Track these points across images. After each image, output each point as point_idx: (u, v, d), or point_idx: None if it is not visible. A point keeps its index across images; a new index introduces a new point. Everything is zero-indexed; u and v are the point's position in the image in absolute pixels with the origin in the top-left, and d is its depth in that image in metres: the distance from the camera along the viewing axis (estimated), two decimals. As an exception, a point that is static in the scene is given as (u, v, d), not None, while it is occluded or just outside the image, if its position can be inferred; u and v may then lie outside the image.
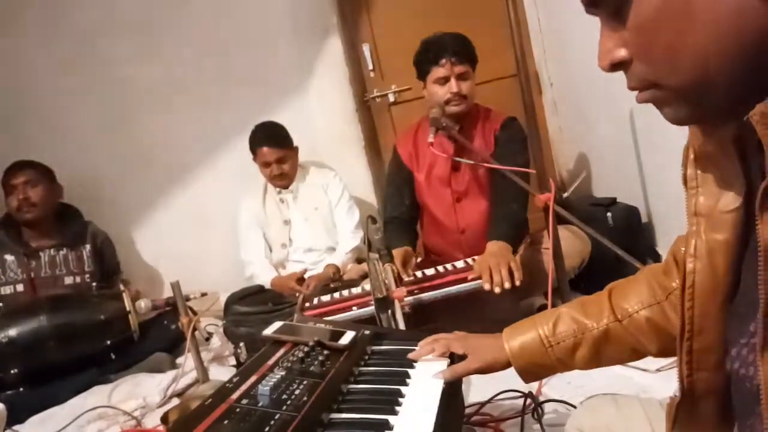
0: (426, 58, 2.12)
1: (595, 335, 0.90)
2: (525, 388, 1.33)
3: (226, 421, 0.80)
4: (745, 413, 0.57)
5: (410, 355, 1.05)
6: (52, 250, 2.55)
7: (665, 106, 0.53)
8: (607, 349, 0.91)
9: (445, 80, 2.09)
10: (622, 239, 1.91)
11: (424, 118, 2.29)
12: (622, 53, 0.53)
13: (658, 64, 0.51)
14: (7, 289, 2.46)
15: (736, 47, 0.46)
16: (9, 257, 2.48)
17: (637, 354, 0.91)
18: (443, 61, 2.07)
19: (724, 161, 0.57)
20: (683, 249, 0.67)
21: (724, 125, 0.55)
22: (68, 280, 2.54)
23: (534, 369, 0.96)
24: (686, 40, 0.48)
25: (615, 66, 0.54)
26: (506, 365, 0.97)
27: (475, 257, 1.92)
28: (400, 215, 2.26)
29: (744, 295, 0.58)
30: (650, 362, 1.41)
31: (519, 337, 0.96)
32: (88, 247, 2.62)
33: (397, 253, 2.00)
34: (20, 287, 2.46)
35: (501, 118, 2.22)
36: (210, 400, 0.87)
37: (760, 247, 0.49)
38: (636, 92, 0.55)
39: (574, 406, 1.26)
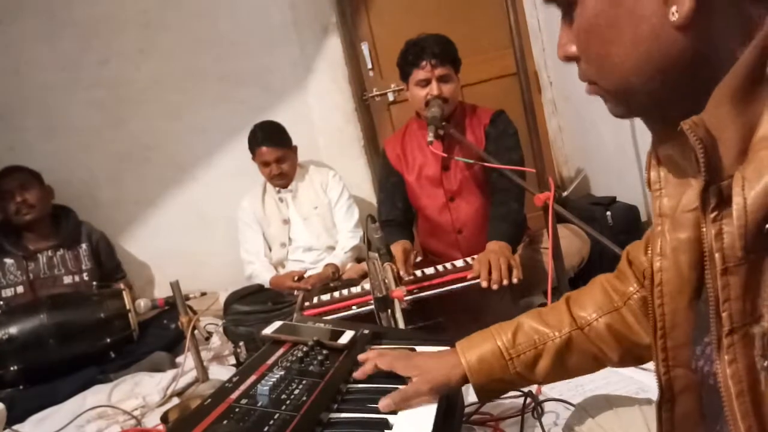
0: (407, 60, 2.09)
1: (558, 345, 0.88)
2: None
3: (225, 421, 0.81)
4: (714, 412, 0.58)
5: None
6: (49, 251, 2.56)
7: (605, 101, 0.60)
8: (570, 359, 0.88)
9: (426, 82, 2.06)
10: (622, 238, 1.92)
11: (412, 120, 2.27)
12: (572, 49, 0.59)
13: (592, 65, 0.58)
14: (8, 292, 2.47)
15: (651, 66, 0.52)
16: (8, 260, 2.50)
17: (598, 363, 0.90)
18: (423, 63, 2.04)
19: (684, 161, 0.58)
20: (649, 251, 0.68)
21: (615, 108, 0.60)
22: (67, 280, 2.56)
23: (493, 385, 0.90)
24: (611, 50, 0.54)
25: (568, 59, 0.61)
26: (461, 382, 0.91)
27: (474, 256, 1.92)
28: (394, 218, 2.24)
29: (703, 295, 0.59)
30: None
31: (476, 350, 0.90)
32: (84, 246, 2.63)
33: (395, 248, 2.00)
34: (20, 289, 2.48)
35: (489, 112, 2.20)
36: (209, 399, 0.87)
37: (705, 248, 0.51)
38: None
39: (574, 405, 1.26)
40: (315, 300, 1.95)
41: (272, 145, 2.58)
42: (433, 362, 0.93)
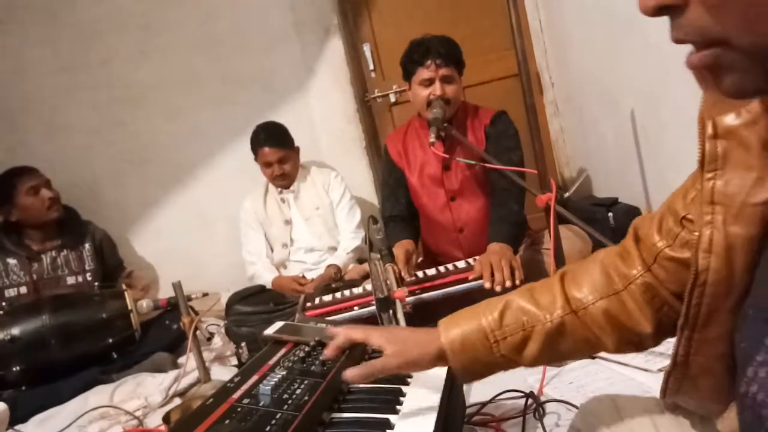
0: (411, 59, 2.09)
1: (548, 329, 0.78)
2: (526, 388, 1.34)
3: (227, 421, 0.81)
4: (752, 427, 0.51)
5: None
6: (53, 252, 2.56)
7: (728, 73, 0.41)
8: (560, 344, 0.79)
9: (429, 82, 2.06)
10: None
11: (414, 119, 2.28)
12: None
13: (730, 12, 0.38)
14: (11, 292, 2.47)
15: None
16: (12, 260, 2.50)
17: (591, 349, 0.81)
18: (428, 62, 2.04)
19: (754, 141, 0.48)
20: (677, 228, 0.60)
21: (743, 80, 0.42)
22: (70, 280, 2.56)
23: (475, 367, 0.82)
24: None
25: (662, 9, 0.41)
26: (435, 362, 0.82)
27: (476, 257, 1.92)
28: (399, 213, 2.26)
29: (756, 299, 0.51)
30: (652, 362, 1.41)
31: (459, 329, 0.81)
32: (87, 246, 2.63)
33: (397, 250, 2.00)
34: (23, 289, 2.48)
35: (490, 113, 2.20)
36: (211, 399, 0.87)
37: None
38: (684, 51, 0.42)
39: (576, 406, 1.25)
40: (317, 301, 1.95)
41: (274, 146, 2.58)
42: (411, 337, 0.85)
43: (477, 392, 1.43)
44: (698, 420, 0.74)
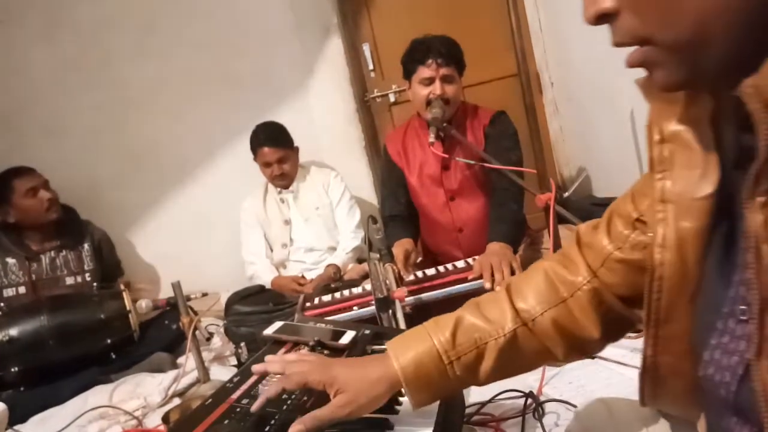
0: (412, 57, 2.10)
1: (501, 344, 0.76)
2: (526, 387, 1.33)
3: (226, 421, 0.81)
4: (718, 417, 0.54)
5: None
6: (52, 252, 2.55)
7: (658, 68, 0.47)
8: (513, 358, 0.78)
9: (429, 81, 2.06)
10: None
11: (413, 118, 2.28)
12: (608, 3, 0.47)
13: (651, 14, 0.45)
14: (10, 291, 2.46)
15: (739, 2, 0.41)
16: (10, 260, 2.49)
17: (542, 360, 0.81)
18: (429, 61, 2.04)
19: (697, 142, 0.51)
20: (626, 231, 0.62)
21: (698, 102, 0.50)
22: (69, 281, 2.55)
23: (430, 390, 0.77)
24: None
25: (601, 18, 0.48)
26: (387, 395, 0.77)
27: (476, 257, 1.92)
28: (399, 213, 2.27)
29: (708, 289, 0.54)
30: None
31: (411, 351, 0.77)
32: (86, 246, 2.63)
33: (397, 249, 2.00)
34: (22, 289, 2.47)
35: (490, 113, 2.21)
36: (211, 399, 0.87)
37: (749, 238, 0.44)
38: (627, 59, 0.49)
39: (575, 406, 1.26)
40: (316, 300, 1.95)
41: (274, 146, 2.58)
42: (355, 375, 0.76)
43: (476, 392, 1.43)
44: (690, 426, 0.74)
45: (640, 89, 0.56)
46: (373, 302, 1.54)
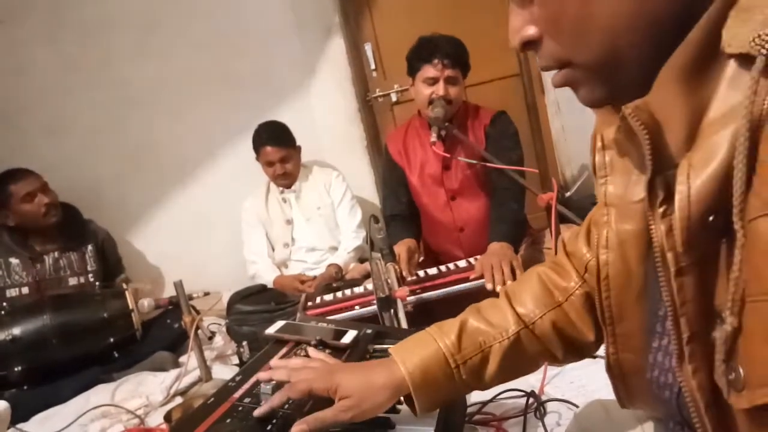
0: (418, 55, 2.09)
1: (506, 346, 0.78)
2: (527, 387, 1.33)
3: (228, 420, 0.81)
4: (666, 422, 0.56)
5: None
6: (56, 253, 2.54)
7: (580, 87, 0.51)
8: (517, 361, 0.79)
9: (433, 81, 2.06)
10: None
11: (414, 118, 2.28)
12: (531, 31, 0.51)
13: (566, 39, 0.48)
14: (13, 292, 2.46)
15: (644, 21, 0.44)
16: (14, 260, 2.49)
17: (542, 362, 0.83)
18: (435, 61, 2.04)
19: (632, 149, 0.53)
20: (594, 240, 0.64)
21: (591, 92, 0.52)
22: (72, 281, 2.55)
23: (437, 395, 0.78)
24: (592, 11, 0.46)
25: (526, 45, 0.51)
26: (391, 402, 0.77)
27: (477, 257, 1.92)
28: (400, 212, 2.27)
29: (648, 291, 0.56)
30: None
31: (416, 357, 0.77)
32: (90, 246, 2.62)
33: (399, 248, 2.00)
34: (25, 290, 2.47)
35: (490, 113, 2.20)
36: (213, 398, 0.87)
37: (656, 247, 0.46)
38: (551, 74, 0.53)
39: (577, 406, 1.26)
40: (318, 300, 1.95)
41: (276, 145, 2.58)
42: (359, 382, 0.76)
43: (478, 391, 1.43)
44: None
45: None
46: (375, 301, 1.54)
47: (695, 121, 0.43)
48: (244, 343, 2.05)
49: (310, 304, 1.92)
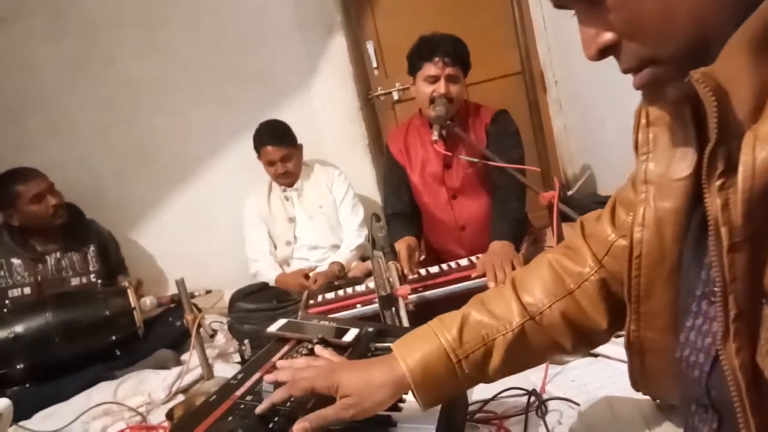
0: (419, 54, 2.09)
1: (509, 339, 0.76)
2: (529, 385, 1.33)
3: (230, 418, 0.81)
4: (688, 403, 0.56)
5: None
6: (58, 254, 2.54)
7: (667, 84, 0.49)
8: (522, 353, 0.77)
9: (434, 79, 2.06)
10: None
11: (415, 117, 2.28)
12: (608, 36, 0.50)
13: (650, 36, 0.47)
14: (15, 292, 2.45)
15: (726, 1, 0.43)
16: (16, 261, 2.48)
17: (549, 354, 0.81)
18: (436, 59, 2.04)
19: (678, 125, 0.53)
20: (629, 218, 0.63)
21: (680, 86, 0.50)
22: (75, 282, 2.55)
23: (439, 391, 0.77)
24: (673, 3, 0.45)
25: (603, 52, 0.51)
26: (393, 399, 0.77)
27: (479, 255, 1.93)
28: (401, 211, 2.27)
29: (685, 271, 0.56)
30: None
31: (417, 353, 0.76)
32: (92, 247, 2.62)
33: (400, 246, 2.00)
34: (27, 290, 2.47)
35: (491, 111, 2.20)
36: (215, 396, 0.87)
37: (710, 221, 0.45)
38: (632, 76, 0.51)
39: (578, 404, 1.26)
40: (319, 298, 1.96)
41: (277, 144, 2.58)
42: (360, 380, 0.76)
43: (479, 389, 1.43)
44: None
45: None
46: (377, 300, 1.54)
47: (763, 93, 0.42)
48: (246, 341, 2.05)
49: (311, 302, 1.92)
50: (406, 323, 1.54)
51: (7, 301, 2.41)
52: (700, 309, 0.52)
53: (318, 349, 0.95)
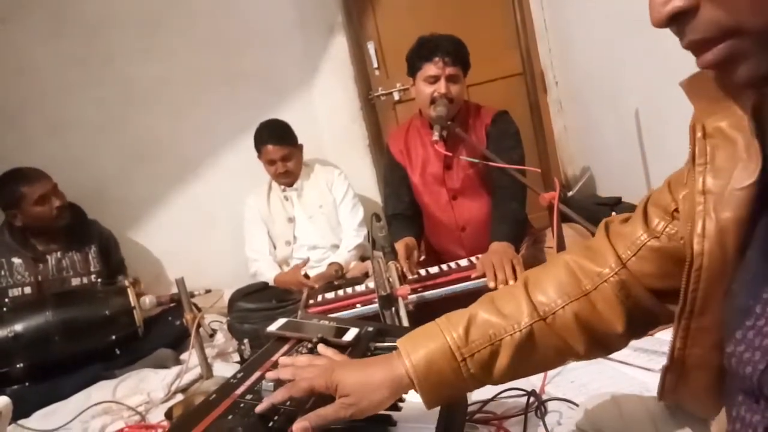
0: (419, 54, 2.09)
1: (517, 340, 0.73)
2: (528, 386, 1.34)
3: (230, 417, 0.81)
4: (733, 395, 0.55)
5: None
6: (58, 253, 2.54)
7: (743, 61, 0.44)
8: (530, 355, 0.75)
9: (434, 79, 2.06)
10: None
11: (415, 117, 2.28)
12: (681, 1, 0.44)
13: (741, 2, 0.42)
14: (15, 291, 2.45)
15: None
16: (17, 260, 2.47)
17: (561, 357, 0.77)
18: (436, 59, 2.04)
19: (739, 135, 0.52)
20: (655, 224, 0.62)
21: (742, 97, 0.49)
22: (75, 282, 2.54)
23: (443, 390, 0.75)
24: None
25: (674, 18, 0.45)
26: (394, 398, 0.76)
27: (479, 256, 1.93)
28: (401, 211, 2.27)
29: (747, 274, 0.55)
30: (654, 361, 1.41)
31: (422, 350, 0.75)
32: (93, 247, 2.61)
33: (398, 245, 2.00)
34: (28, 290, 2.46)
35: (491, 112, 2.20)
36: (214, 395, 0.87)
37: None
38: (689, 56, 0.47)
39: (577, 405, 1.26)
40: (319, 298, 1.96)
41: (278, 143, 2.59)
42: (358, 379, 0.75)
43: (479, 390, 1.43)
44: (698, 421, 0.74)
45: (684, 90, 0.57)
46: (376, 300, 1.54)
47: None
48: (246, 340, 2.05)
49: (311, 302, 1.93)
50: (405, 323, 1.54)
51: (7, 300, 2.41)
52: (765, 311, 0.51)
53: (321, 347, 0.96)
